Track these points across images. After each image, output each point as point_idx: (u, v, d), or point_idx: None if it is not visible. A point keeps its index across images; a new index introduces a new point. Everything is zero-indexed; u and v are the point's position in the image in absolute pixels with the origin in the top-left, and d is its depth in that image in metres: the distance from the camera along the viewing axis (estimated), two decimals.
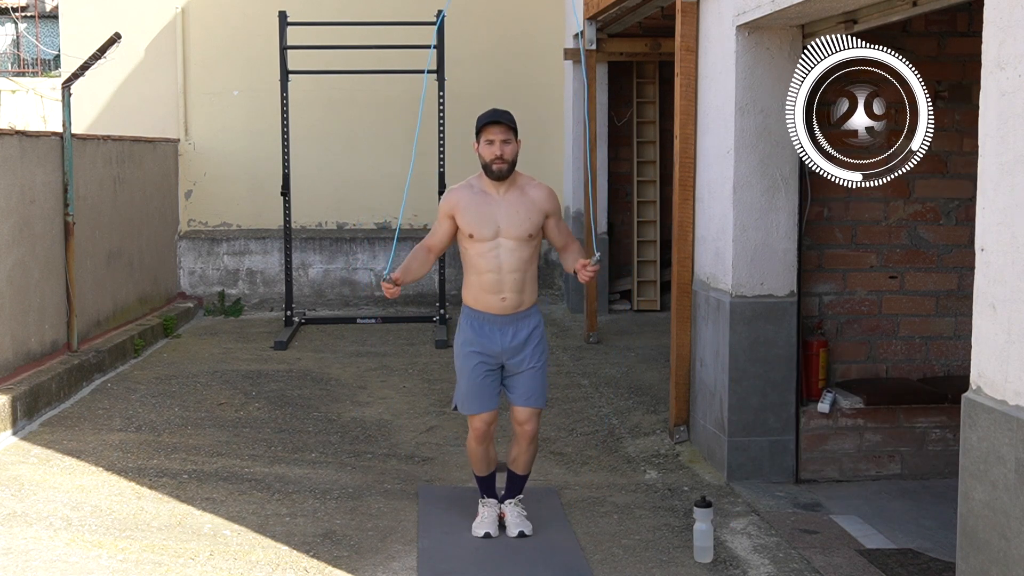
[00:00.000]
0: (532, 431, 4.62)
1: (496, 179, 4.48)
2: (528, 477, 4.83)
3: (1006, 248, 3.10)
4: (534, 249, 4.55)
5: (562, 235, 4.63)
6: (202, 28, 11.01)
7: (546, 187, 4.61)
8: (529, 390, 4.57)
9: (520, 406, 4.59)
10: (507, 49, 10.98)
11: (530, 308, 4.58)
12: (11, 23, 27.97)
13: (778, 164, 5.29)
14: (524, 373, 4.56)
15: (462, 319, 4.64)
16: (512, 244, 4.48)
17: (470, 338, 4.56)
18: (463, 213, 4.51)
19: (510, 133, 4.46)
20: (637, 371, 7.81)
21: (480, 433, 4.61)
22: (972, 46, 4.87)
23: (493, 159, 4.45)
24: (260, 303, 10.95)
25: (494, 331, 4.52)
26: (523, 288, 4.53)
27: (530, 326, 4.56)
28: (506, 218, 4.48)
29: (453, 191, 4.60)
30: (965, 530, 3.29)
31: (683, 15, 5.81)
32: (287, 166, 9.71)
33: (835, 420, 5.42)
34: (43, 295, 7.23)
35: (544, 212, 4.55)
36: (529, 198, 4.52)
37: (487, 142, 4.46)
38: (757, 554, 4.46)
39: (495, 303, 4.50)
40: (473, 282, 4.56)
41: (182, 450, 5.95)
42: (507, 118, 4.47)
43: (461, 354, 4.61)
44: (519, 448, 4.68)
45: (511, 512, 4.72)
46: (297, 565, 4.36)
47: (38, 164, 7.20)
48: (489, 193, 4.52)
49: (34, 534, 4.63)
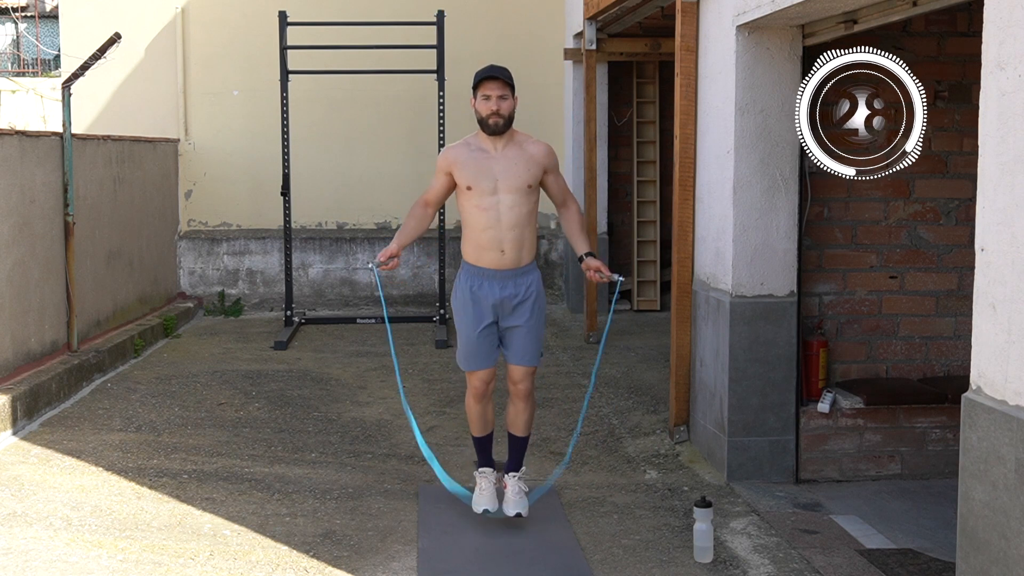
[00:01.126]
0: (526, 389, 4.64)
1: (492, 133, 4.49)
2: (528, 440, 4.83)
3: (1006, 248, 3.10)
4: (533, 204, 4.58)
5: (561, 191, 4.69)
6: (202, 28, 11.00)
7: (544, 143, 4.65)
8: (524, 348, 4.59)
9: (515, 364, 4.61)
10: (507, 49, 10.96)
11: (528, 264, 4.61)
12: (11, 23, 27.98)
13: (778, 164, 5.29)
14: (520, 329, 4.58)
15: (461, 274, 4.66)
16: (511, 199, 4.50)
17: (468, 296, 4.58)
18: (461, 168, 4.53)
19: (507, 89, 4.49)
20: (637, 371, 7.81)
21: (478, 391, 4.64)
22: (972, 46, 4.88)
23: (489, 114, 4.47)
24: (260, 303, 10.95)
25: (493, 286, 4.54)
26: (522, 244, 4.55)
27: (528, 281, 4.59)
28: (503, 171, 4.50)
29: (450, 148, 4.63)
30: (965, 530, 3.29)
31: (683, 15, 5.81)
32: (287, 166, 9.71)
33: (835, 420, 5.42)
34: (43, 295, 7.23)
35: (542, 166, 4.58)
36: (527, 153, 4.57)
37: (484, 97, 4.49)
38: (757, 554, 4.46)
39: (494, 258, 4.52)
40: (472, 237, 4.58)
41: (182, 450, 5.95)
42: (504, 74, 4.50)
43: (460, 311, 4.63)
44: (515, 408, 4.70)
45: (512, 487, 4.72)
46: (297, 565, 4.36)
47: (38, 164, 7.20)
48: (486, 149, 4.55)
49: (34, 534, 4.63)
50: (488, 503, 4.69)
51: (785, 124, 5.24)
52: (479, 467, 4.85)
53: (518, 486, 4.73)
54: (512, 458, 4.81)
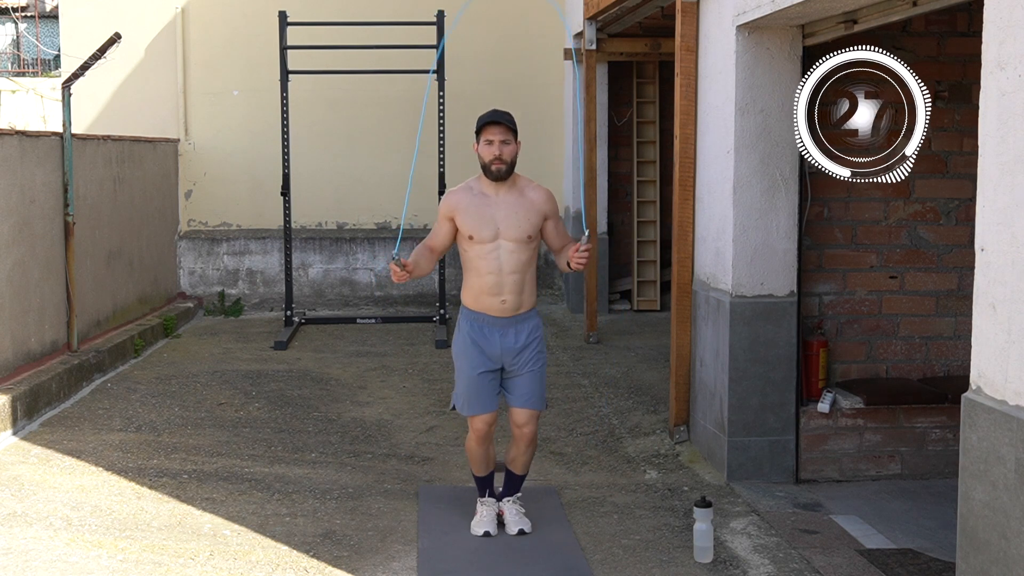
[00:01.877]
0: (531, 433, 4.62)
1: (495, 179, 4.48)
2: (526, 477, 4.84)
3: (1006, 248, 3.10)
4: (533, 251, 4.56)
5: (559, 237, 4.64)
6: (202, 28, 11.00)
7: (545, 189, 4.62)
8: (528, 392, 4.57)
9: (519, 408, 4.59)
10: (507, 49, 10.97)
11: (529, 311, 4.59)
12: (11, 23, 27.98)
13: (778, 164, 5.29)
14: (523, 376, 4.56)
15: (461, 320, 4.64)
16: (511, 246, 4.49)
17: (470, 341, 4.56)
18: (463, 215, 4.51)
19: (509, 134, 4.46)
20: (637, 371, 7.81)
21: (480, 434, 4.62)
22: (972, 46, 4.88)
23: (492, 159, 4.45)
24: (260, 303, 10.95)
25: (494, 332, 4.52)
26: (522, 290, 4.53)
27: (529, 328, 4.56)
28: (505, 219, 4.48)
29: (452, 193, 4.60)
30: (965, 530, 3.29)
31: (683, 15, 5.81)
32: (287, 166, 9.71)
33: (835, 420, 5.42)
34: (43, 295, 7.23)
35: (543, 214, 4.55)
36: (528, 200, 4.53)
37: (486, 142, 4.47)
38: (757, 554, 4.46)
39: (495, 305, 4.51)
40: (473, 284, 4.56)
41: (182, 450, 5.95)
42: (507, 119, 4.47)
43: (460, 355, 4.61)
44: (517, 450, 4.69)
45: (509, 510, 4.73)
46: (297, 565, 4.36)
47: (38, 164, 7.20)
48: (488, 195, 4.52)
49: (34, 534, 4.63)
50: (489, 526, 4.69)
51: (785, 124, 5.23)
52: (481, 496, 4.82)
53: (516, 508, 4.75)
54: (508, 489, 4.81)
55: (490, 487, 4.79)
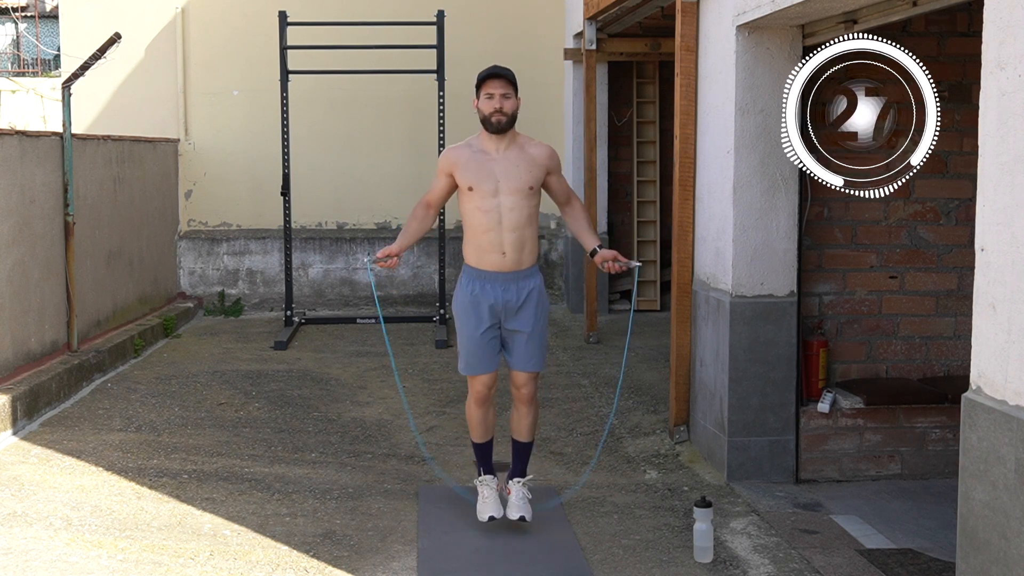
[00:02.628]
0: (529, 394, 4.62)
1: (495, 132, 4.48)
2: (532, 446, 4.81)
3: (1006, 248, 3.10)
4: (534, 207, 4.57)
5: (564, 191, 4.70)
6: (202, 28, 11.00)
7: (546, 145, 4.65)
8: (527, 353, 4.57)
9: (518, 369, 4.59)
10: (507, 49, 10.95)
11: (530, 267, 4.59)
12: (11, 23, 27.99)
13: (778, 164, 5.29)
14: (522, 334, 4.56)
15: (462, 277, 4.64)
16: (512, 200, 4.48)
17: (469, 298, 4.56)
18: (462, 169, 4.52)
19: (510, 88, 4.49)
20: (637, 371, 7.80)
21: (480, 396, 4.62)
22: (972, 46, 4.88)
23: (492, 111, 4.46)
24: (260, 303, 10.95)
25: (495, 288, 4.52)
26: (523, 246, 4.53)
27: (530, 285, 4.57)
28: (504, 173, 4.49)
29: (452, 149, 4.62)
30: (965, 530, 3.29)
31: (683, 15, 5.81)
32: (287, 166, 9.71)
33: (835, 420, 5.42)
34: (43, 295, 7.23)
35: (544, 168, 4.58)
36: (529, 154, 4.56)
37: (487, 96, 4.48)
38: (757, 554, 4.46)
39: (495, 260, 4.51)
40: (473, 239, 4.56)
41: (182, 450, 5.95)
42: (507, 73, 4.51)
43: (461, 315, 4.61)
44: (519, 413, 4.68)
45: (516, 493, 4.70)
46: (297, 565, 4.36)
47: (38, 164, 7.20)
48: (488, 151, 4.54)
49: (34, 534, 4.63)
50: (493, 510, 4.66)
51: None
52: (480, 475, 4.82)
53: (522, 491, 4.73)
54: (516, 464, 4.79)
55: (488, 458, 4.78)
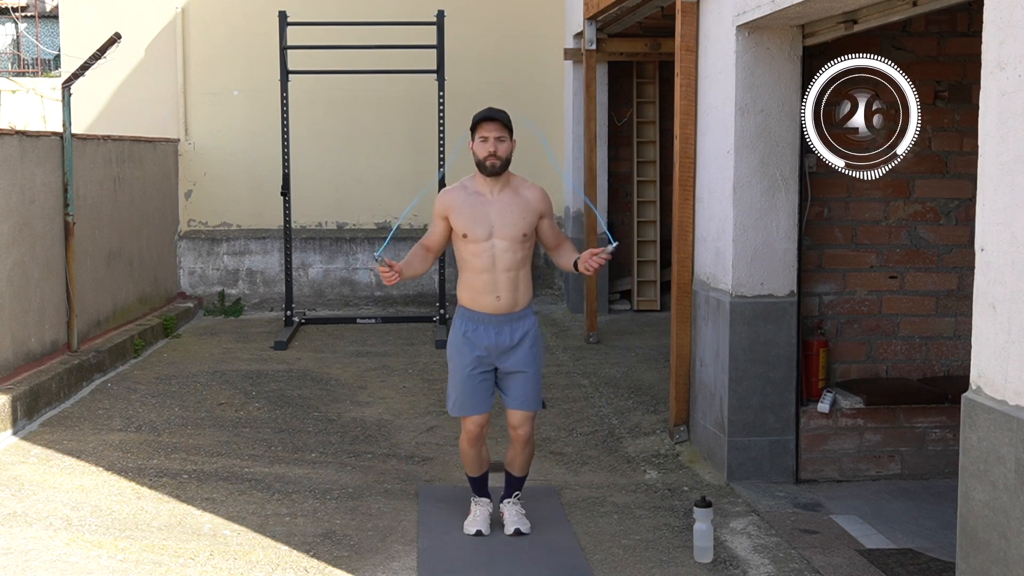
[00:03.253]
0: (526, 435, 4.61)
1: (489, 175, 4.47)
2: (526, 478, 4.83)
3: (1006, 248, 3.10)
4: (528, 250, 4.56)
5: (554, 236, 4.65)
6: (202, 28, 11.00)
7: (539, 188, 4.62)
8: (523, 393, 4.56)
9: (514, 409, 4.58)
10: (507, 49, 10.97)
11: (525, 309, 4.58)
12: (11, 23, 27.99)
13: (778, 164, 5.29)
14: (518, 375, 4.55)
15: (456, 318, 4.63)
16: (505, 244, 4.48)
17: (463, 339, 4.55)
18: (457, 214, 4.51)
19: (504, 131, 4.46)
20: (637, 371, 7.81)
21: (472, 436, 4.61)
22: (972, 46, 4.87)
23: (487, 156, 4.45)
24: (260, 303, 10.95)
25: (489, 331, 4.52)
26: (517, 288, 4.52)
27: (524, 327, 4.55)
28: (499, 218, 4.48)
29: (446, 192, 4.60)
30: (965, 530, 3.29)
31: (683, 15, 5.81)
32: (287, 166, 9.71)
33: (835, 420, 5.42)
34: (43, 295, 7.23)
35: (538, 212, 4.55)
36: (523, 198, 4.53)
37: (481, 139, 4.47)
38: (757, 554, 4.46)
39: (490, 302, 4.50)
40: (468, 282, 4.55)
41: (182, 450, 5.95)
42: (502, 116, 4.47)
43: (454, 355, 4.60)
44: (514, 452, 4.68)
45: (509, 511, 4.73)
46: (297, 565, 4.36)
47: (38, 164, 7.20)
48: (482, 193, 4.52)
49: (34, 534, 4.63)
50: (481, 525, 4.69)
51: (785, 124, 5.24)
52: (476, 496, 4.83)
53: (516, 508, 4.75)
54: (509, 489, 4.81)
55: (484, 487, 4.79)
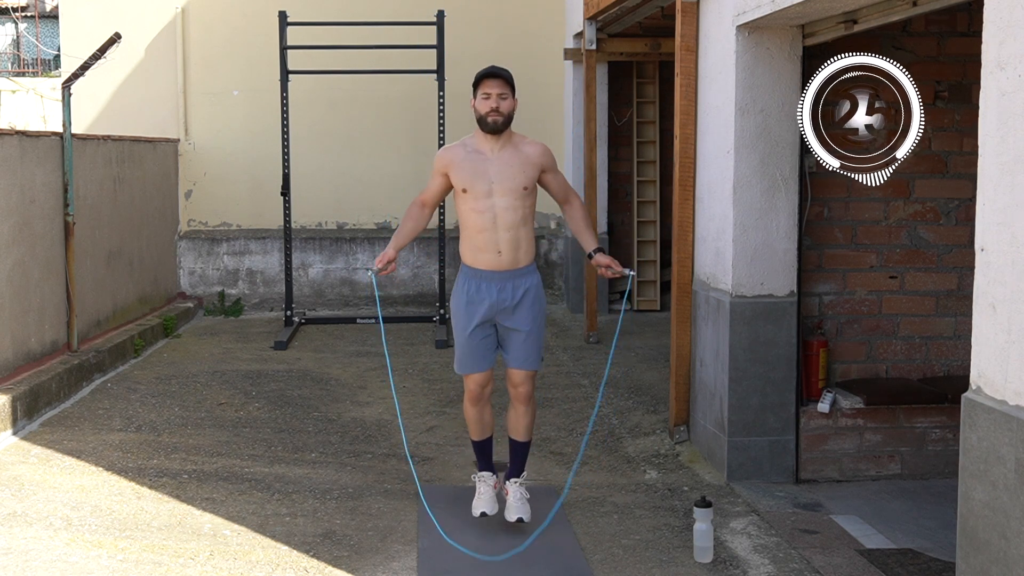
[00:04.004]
0: (527, 393, 4.62)
1: (490, 131, 4.48)
2: (530, 446, 4.82)
3: (1006, 248, 3.10)
4: (530, 207, 4.57)
5: (562, 188, 4.69)
6: (202, 28, 11.01)
7: (540, 143, 4.65)
8: (524, 352, 4.58)
9: (515, 368, 4.60)
10: (507, 49, 10.96)
11: (526, 266, 4.59)
12: (11, 23, 27.99)
13: (778, 164, 5.29)
14: (519, 333, 4.57)
15: (459, 276, 4.66)
16: (506, 201, 4.49)
17: (465, 297, 4.57)
18: (456, 170, 4.53)
19: (507, 88, 4.49)
20: (637, 371, 7.81)
21: (474, 394, 4.63)
22: (972, 46, 4.88)
23: (488, 111, 4.46)
24: (260, 303, 10.95)
25: (491, 287, 4.53)
26: (519, 245, 4.54)
27: (526, 284, 4.57)
28: (499, 173, 4.49)
29: (447, 149, 4.63)
30: (965, 530, 3.29)
31: (683, 15, 5.81)
32: (287, 166, 9.71)
33: (835, 420, 5.42)
34: (43, 295, 7.23)
35: (538, 166, 4.57)
36: (523, 154, 4.56)
37: (483, 95, 4.49)
38: (757, 554, 4.46)
39: (491, 259, 4.52)
40: (469, 239, 4.57)
41: (182, 450, 5.95)
42: (505, 73, 4.51)
43: (457, 314, 4.63)
44: (516, 412, 4.69)
45: (514, 493, 4.71)
46: (297, 565, 4.36)
47: (38, 164, 7.20)
48: (483, 152, 4.54)
49: (34, 534, 4.63)
50: (486, 507, 4.68)
51: (785, 124, 5.24)
52: (479, 471, 4.83)
53: (520, 492, 4.73)
54: (513, 463, 4.80)
55: (487, 456, 4.79)
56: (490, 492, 4.73)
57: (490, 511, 4.66)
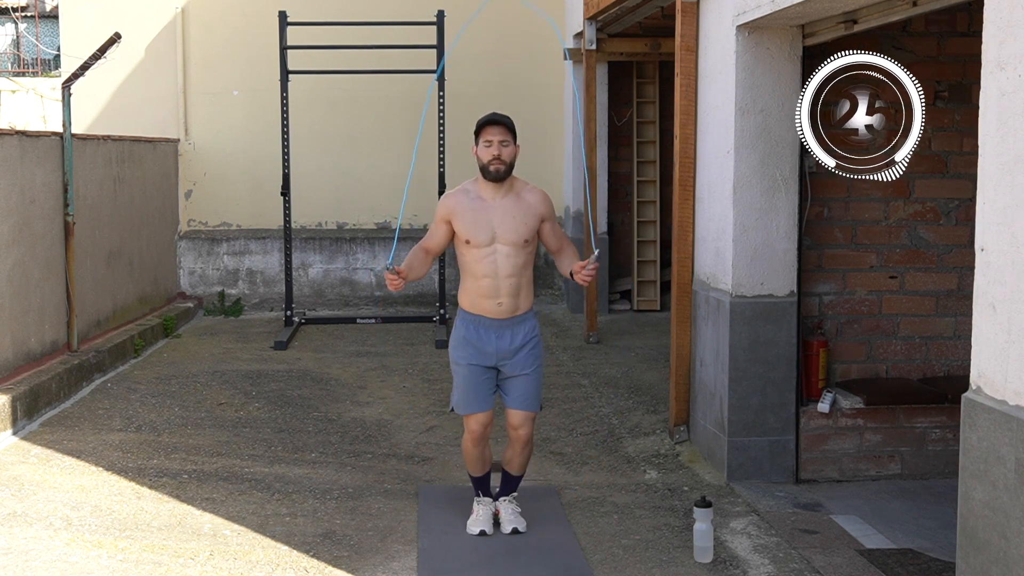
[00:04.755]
0: (526, 435, 4.62)
1: (493, 180, 4.47)
2: (523, 478, 4.84)
3: (1006, 248, 3.10)
4: (530, 254, 4.57)
5: (556, 239, 4.64)
6: (202, 28, 11.01)
7: (541, 191, 4.62)
8: (524, 394, 4.58)
9: (514, 409, 4.59)
10: (507, 50, 10.97)
11: (526, 313, 4.59)
12: (11, 23, 28.00)
13: (778, 164, 5.29)
14: (519, 377, 4.57)
15: (458, 322, 4.65)
16: (508, 250, 4.49)
17: (466, 341, 4.57)
18: (459, 219, 4.52)
19: (508, 135, 4.46)
20: (637, 371, 7.81)
21: (476, 435, 4.62)
22: (972, 46, 4.88)
23: (491, 160, 4.44)
24: (260, 303, 10.95)
25: (490, 334, 4.53)
26: (519, 292, 4.54)
27: (525, 330, 4.57)
28: (502, 223, 4.48)
29: (449, 196, 4.60)
30: (965, 530, 3.29)
31: (683, 15, 5.81)
32: (287, 166, 9.71)
33: (835, 420, 5.42)
34: (43, 295, 7.23)
35: (539, 216, 4.55)
36: (525, 202, 4.53)
37: (485, 143, 4.46)
38: (757, 554, 4.46)
39: (491, 307, 4.52)
40: (470, 286, 4.57)
41: (182, 450, 5.95)
42: (506, 120, 4.47)
43: (457, 357, 4.62)
44: (513, 451, 4.70)
45: (505, 509, 4.74)
46: (297, 565, 4.36)
47: (38, 164, 7.20)
48: (485, 199, 4.52)
49: (34, 534, 4.63)
50: (485, 525, 4.70)
51: (785, 124, 5.23)
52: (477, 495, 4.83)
53: (511, 507, 4.76)
54: (504, 488, 4.82)
55: (486, 487, 4.80)
56: (488, 513, 4.75)
57: (488, 530, 4.69)
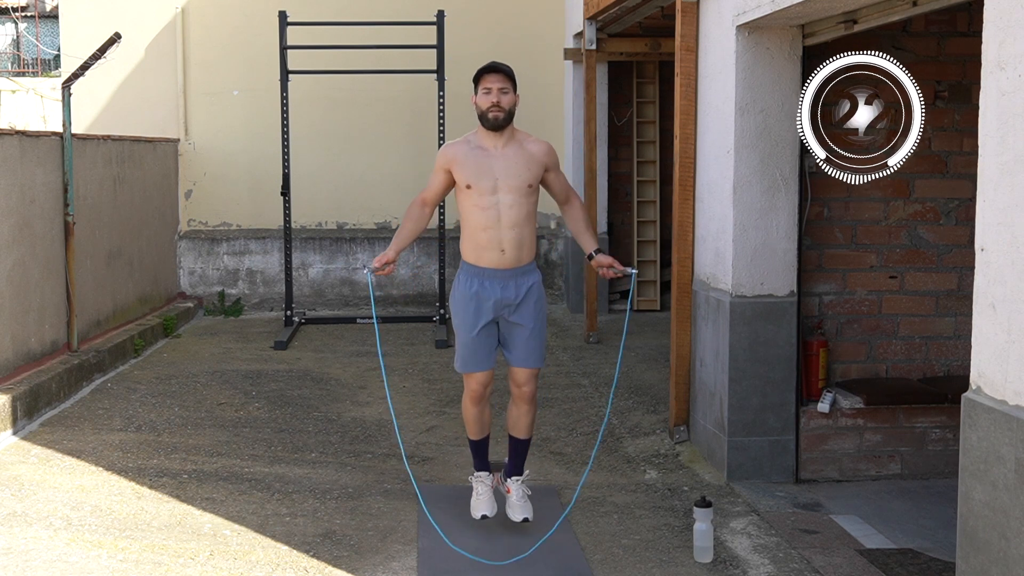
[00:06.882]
0: (530, 392, 4.59)
1: (492, 128, 4.45)
2: (530, 443, 4.80)
3: (1006, 248, 3.10)
4: (533, 204, 4.53)
5: (563, 188, 4.66)
6: (202, 28, 11.00)
7: (545, 142, 4.62)
8: (527, 350, 4.55)
9: (518, 367, 4.57)
10: (507, 49, 10.94)
11: (528, 264, 4.57)
12: (11, 23, 28.00)
13: (778, 164, 5.29)
14: (522, 331, 4.53)
15: (460, 274, 4.60)
16: (511, 198, 4.45)
17: (467, 294, 4.53)
18: (460, 166, 4.49)
19: (508, 83, 4.46)
20: (637, 371, 7.81)
21: (476, 394, 4.59)
22: (972, 46, 4.88)
23: (489, 106, 4.43)
24: (260, 303, 10.95)
25: (493, 285, 4.49)
26: (522, 243, 4.51)
27: (528, 282, 4.54)
28: (504, 170, 4.45)
29: (450, 145, 4.59)
30: (965, 530, 3.29)
31: (683, 15, 5.81)
32: (287, 166, 9.71)
33: (835, 420, 5.42)
34: (43, 295, 7.23)
35: (543, 165, 4.54)
36: (527, 151, 4.52)
37: (484, 91, 4.46)
38: (757, 554, 4.46)
39: (494, 257, 4.48)
40: (471, 237, 4.53)
41: (182, 450, 5.95)
42: (506, 68, 4.47)
43: (458, 312, 4.58)
44: (518, 410, 4.65)
45: (516, 492, 4.69)
46: (297, 565, 4.36)
47: (38, 164, 7.20)
48: (486, 147, 4.50)
49: (34, 534, 4.63)
50: (486, 508, 4.66)
51: (785, 124, 5.24)
52: (475, 471, 4.82)
53: (522, 490, 4.71)
54: (514, 462, 4.78)
55: (484, 455, 4.77)
56: (488, 492, 4.72)
57: (490, 513, 4.65)
